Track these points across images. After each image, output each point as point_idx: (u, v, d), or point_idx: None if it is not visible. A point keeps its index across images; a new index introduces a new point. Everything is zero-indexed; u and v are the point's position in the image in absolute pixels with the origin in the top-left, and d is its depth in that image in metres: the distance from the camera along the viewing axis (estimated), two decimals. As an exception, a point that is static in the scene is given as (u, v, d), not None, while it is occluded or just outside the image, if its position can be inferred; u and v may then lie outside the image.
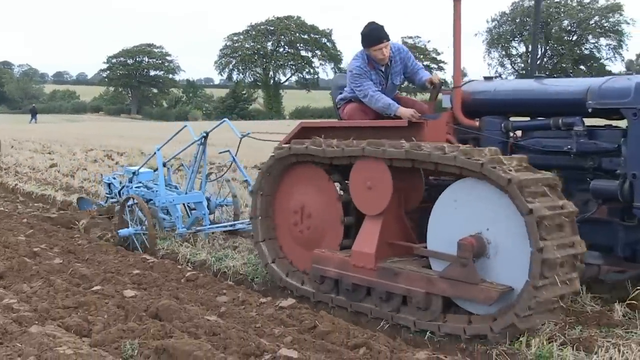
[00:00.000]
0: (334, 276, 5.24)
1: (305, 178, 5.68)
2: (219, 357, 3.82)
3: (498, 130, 5.39)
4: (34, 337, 4.15)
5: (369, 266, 4.96)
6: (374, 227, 5.02)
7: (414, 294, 4.68)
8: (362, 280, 5.04)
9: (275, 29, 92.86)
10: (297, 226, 5.71)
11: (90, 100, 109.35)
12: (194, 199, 7.70)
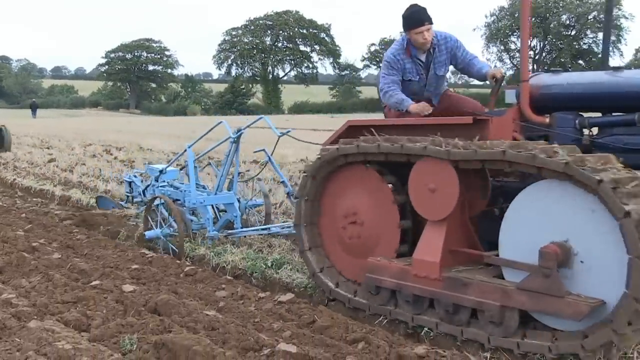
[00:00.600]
0: (392, 287, 4.78)
1: (355, 180, 5.21)
2: (217, 351, 3.82)
3: (571, 127, 4.89)
4: (33, 332, 4.16)
5: (433, 276, 4.51)
6: (438, 233, 4.58)
7: (486, 307, 4.22)
8: (425, 292, 4.58)
9: (274, 23, 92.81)
10: (346, 233, 5.24)
11: (88, 95, 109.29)
12: (225, 199, 7.25)
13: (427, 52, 5.56)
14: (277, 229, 7.11)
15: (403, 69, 5.55)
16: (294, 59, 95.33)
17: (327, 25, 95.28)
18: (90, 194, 9.61)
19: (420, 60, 5.57)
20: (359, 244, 5.17)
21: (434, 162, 4.52)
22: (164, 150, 18.68)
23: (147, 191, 8.18)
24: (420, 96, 5.66)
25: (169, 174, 8.16)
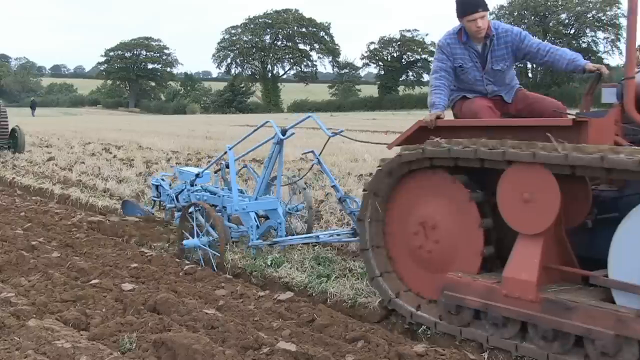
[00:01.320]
0: (477, 307, 4.25)
1: (432, 186, 4.64)
2: (217, 350, 3.82)
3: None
4: (32, 331, 4.16)
5: (528, 297, 3.98)
6: (533, 248, 4.05)
7: (597, 335, 3.67)
8: (519, 314, 4.04)
9: (273, 22, 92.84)
10: (420, 245, 4.70)
11: (87, 93, 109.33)
12: (269, 205, 6.76)
13: (484, 44, 5.13)
14: (327, 237, 6.53)
15: (453, 54, 5.14)
16: (293, 57, 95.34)
17: (326, 24, 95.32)
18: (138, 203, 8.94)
19: (475, 49, 5.14)
20: (434, 259, 4.64)
21: (530, 168, 3.99)
22: (163, 148, 18.67)
23: (181, 196, 7.68)
24: (481, 89, 5.24)
25: (201, 177, 7.72)
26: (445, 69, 5.15)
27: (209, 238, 6.38)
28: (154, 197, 8.39)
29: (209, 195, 7.26)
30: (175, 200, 7.75)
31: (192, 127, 32.53)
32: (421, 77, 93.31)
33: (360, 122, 39.27)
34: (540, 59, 5.16)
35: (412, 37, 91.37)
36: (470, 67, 5.16)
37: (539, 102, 5.18)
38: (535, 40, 5.18)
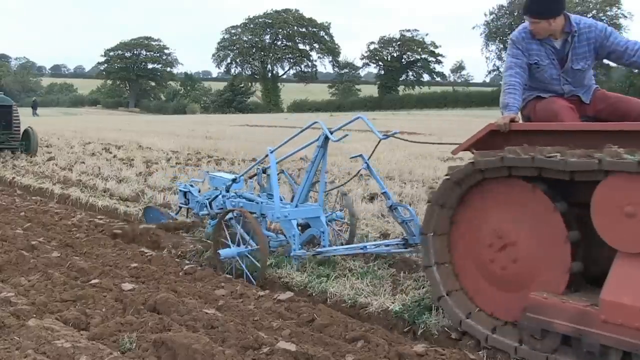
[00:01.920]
0: (567, 332, 3.77)
1: (507, 196, 4.19)
2: (217, 350, 3.82)
3: None
4: (32, 331, 4.16)
5: (634, 324, 3.48)
6: (637, 269, 3.56)
7: None
8: (622, 343, 3.55)
9: (273, 22, 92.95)
10: (494, 261, 4.24)
11: (87, 93, 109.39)
12: (311, 213, 6.33)
13: (564, 40, 4.68)
14: (375, 248, 6.13)
15: (528, 49, 4.72)
16: (293, 57, 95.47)
17: (326, 24, 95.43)
18: (161, 209, 8.53)
19: (552, 45, 4.70)
20: (510, 276, 4.19)
21: (635, 179, 3.52)
22: (163, 148, 18.68)
23: (215, 203, 7.23)
24: (557, 89, 4.82)
25: (235, 183, 7.33)
26: (521, 65, 4.74)
27: (247, 247, 6.01)
28: (182, 203, 7.98)
29: (245, 202, 6.82)
30: (208, 207, 7.29)
31: (192, 127, 32.55)
32: (421, 77, 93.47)
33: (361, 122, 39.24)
34: (628, 59, 4.65)
35: (412, 37, 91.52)
36: (547, 65, 4.73)
37: (623, 102, 4.73)
38: (622, 38, 4.72)
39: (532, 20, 4.61)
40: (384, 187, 6.57)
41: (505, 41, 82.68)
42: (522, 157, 3.93)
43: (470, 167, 4.24)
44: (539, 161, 3.84)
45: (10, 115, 16.48)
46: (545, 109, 4.70)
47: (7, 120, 16.41)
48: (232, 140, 22.14)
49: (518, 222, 4.12)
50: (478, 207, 4.36)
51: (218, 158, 15.76)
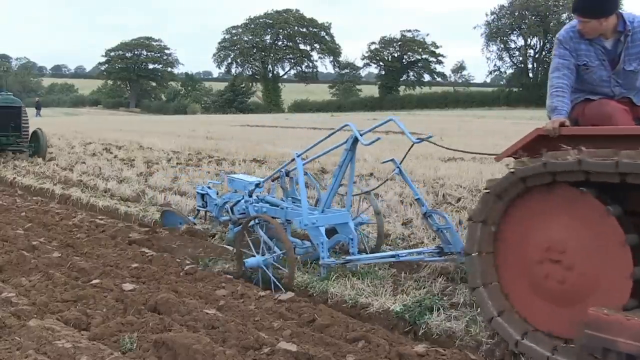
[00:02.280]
0: (632, 351, 3.45)
1: (554, 204, 3.92)
2: (217, 350, 3.82)
3: None
4: (33, 331, 4.16)
5: None
6: None
7: None
8: None
9: (274, 22, 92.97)
10: (546, 274, 3.93)
11: (88, 93, 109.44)
12: (339, 219, 6.03)
13: (616, 40, 4.40)
14: (408, 256, 5.86)
15: (576, 49, 4.45)
16: (294, 57, 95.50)
17: (327, 24, 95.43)
18: (179, 212, 8.24)
19: (602, 45, 4.43)
20: (564, 290, 3.89)
21: None
22: (164, 149, 18.68)
23: (236, 208, 6.92)
24: (606, 91, 4.55)
25: (254, 186, 7.03)
26: (568, 66, 4.46)
27: (272, 255, 5.71)
28: (199, 206, 7.78)
29: (268, 207, 6.55)
30: (230, 212, 7.04)
31: (193, 127, 32.56)
32: (422, 77, 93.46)
33: (361, 123, 39.26)
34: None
35: (413, 37, 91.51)
36: (597, 66, 4.46)
37: None
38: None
39: (581, 19, 4.34)
40: (418, 193, 6.24)
41: (506, 41, 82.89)
42: (568, 161, 3.67)
43: (509, 178, 3.98)
44: (587, 164, 3.59)
45: (20, 116, 16.05)
46: (597, 111, 4.40)
47: (16, 122, 15.95)
48: (232, 140, 22.15)
49: (569, 230, 3.83)
50: (524, 220, 4.06)
51: (219, 158, 15.77)
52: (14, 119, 15.85)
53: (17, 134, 16.09)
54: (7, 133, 15.91)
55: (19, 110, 16.04)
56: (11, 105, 15.96)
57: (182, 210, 8.68)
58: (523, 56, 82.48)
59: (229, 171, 11.89)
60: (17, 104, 16.22)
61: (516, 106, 71.53)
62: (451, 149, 6.36)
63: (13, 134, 16.01)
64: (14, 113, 15.91)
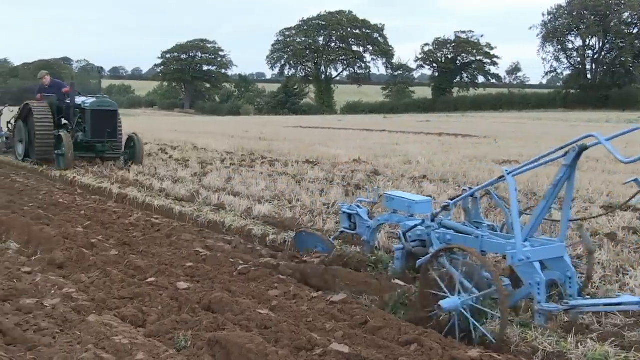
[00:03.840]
0: None
1: None
2: (270, 350, 3.85)
3: None
4: (92, 326, 4.27)
5: None
6: None
7: None
8: None
9: (327, 23, 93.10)
10: None
11: (145, 95, 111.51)
12: (554, 252, 4.89)
13: None
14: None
15: None
16: (346, 59, 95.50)
17: (380, 25, 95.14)
18: (318, 234, 7.40)
19: None
20: None
21: None
22: (218, 149, 18.91)
23: (410, 235, 5.81)
24: None
25: (420, 206, 5.93)
26: None
27: (474, 296, 4.56)
28: (346, 228, 6.72)
29: (453, 234, 5.43)
30: (402, 239, 5.85)
31: (246, 128, 32.86)
32: (476, 79, 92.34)
33: (414, 124, 39.04)
34: None
35: (467, 38, 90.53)
36: None
37: None
38: None
39: None
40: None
41: (563, 42, 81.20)
42: None
43: None
44: None
45: (116, 121, 14.97)
46: None
47: (113, 126, 14.84)
48: (285, 141, 22.27)
49: None
50: None
51: (272, 159, 15.87)
52: (110, 123, 14.78)
53: (114, 139, 15.08)
54: (102, 139, 14.87)
55: (115, 115, 14.98)
56: (107, 109, 14.86)
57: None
58: (581, 57, 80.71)
59: (378, 186, 10.20)
60: (113, 107, 15.09)
61: (573, 108, 70.09)
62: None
63: (109, 140, 15.00)
64: (110, 117, 14.84)
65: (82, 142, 14.72)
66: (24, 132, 15.70)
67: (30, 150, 15.59)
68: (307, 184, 11.29)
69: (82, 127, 14.82)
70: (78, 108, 14.92)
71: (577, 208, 8.64)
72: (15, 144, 16.52)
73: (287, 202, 9.48)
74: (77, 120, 14.91)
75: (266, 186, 10.99)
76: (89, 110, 14.55)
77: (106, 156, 15.07)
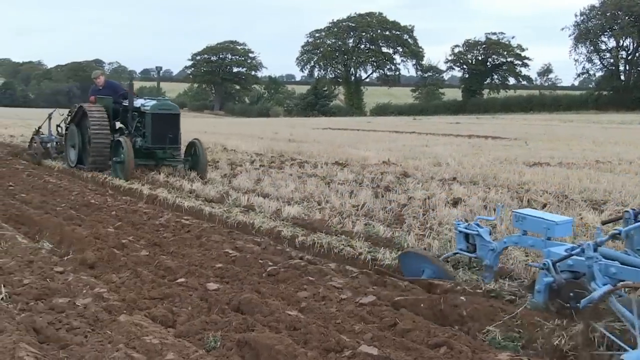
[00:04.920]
0: None
1: None
2: (299, 352, 3.85)
3: None
4: (123, 326, 4.32)
5: None
6: None
7: None
8: None
9: (356, 25, 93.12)
10: None
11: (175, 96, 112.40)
12: None
13: None
14: None
15: None
16: (376, 60, 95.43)
17: (410, 27, 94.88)
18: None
19: None
20: None
21: None
22: (247, 151, 19.00)
23: (563, 264, 4.72)
24: None
25: (561, 228, 5.09)
26: None
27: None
28: (462, 249, 5.92)
29: (618, 266, 4.45)
30: (551, 270, 4.66)
31: (275, 129, 32.99)
32: (506, 80, 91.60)
33: (444, 126, 38.83)
34: None
35: (497, 39, 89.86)
36: None
37: None
38: None
39: None
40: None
41: (596, 43, 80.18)
42: None
43: None
44: None
45: (178, 125, 13.54)
46: None
47: (174, 132, 13.36)
48: (315, 143, 22.30)
49: None
50: None
51: (301, 161, 15.90)
52: (172, 128, 13.33)
53: (175, 146, 13.59)
54: (163, 145, 13.40)
55: (177, 119, 13.52)
56: (169, 113, 13.45)
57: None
58: (614, 58, 79.60)
59: (498, 203, 8.19)
60: (175, 110, 13.68)
61: (606, 110, 69.16)
62: None
63: (170, 146, 13.52)
64: (172, 122, 13.38)
65: (141, 148, 13.32)
66: (77, 136, 14.46)
67: (83, 157, 14.37)
68: (337, 185, 11.28)
69: (141, 132, 13.47)
70: (137, 111, 13.64)
71: (609, 211, 8.52)
72: (67, 150, 15.17)
73: (316, 204, 9.48)
74: (136, 125, 13.63)
75: (295, 188, 11.00)
76: (149, 113, 13.16)
77: (166, 164, 13.81)
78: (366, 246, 6.98)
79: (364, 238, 7.30)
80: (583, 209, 8.74)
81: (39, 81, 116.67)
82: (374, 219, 8.33)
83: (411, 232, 7.47)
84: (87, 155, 14.13)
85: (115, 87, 15.15)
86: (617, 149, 19.90)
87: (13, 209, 8.99)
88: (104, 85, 14.90)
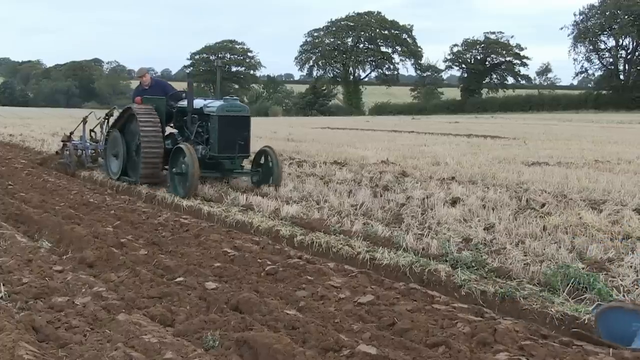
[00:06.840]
0: None
1: None
2: (298, 351, 3.86)
3: None
4: (122, 325, 4.32)
5: None
6: None
7: None
8: None
9: (355, 24, 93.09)
10: None
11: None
12: None
13: None
14: None
15: None
16: (375, 60, 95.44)
17: (408, 26, 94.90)
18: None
19: None
20: None
21: None
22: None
23: None
24: None
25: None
26: None
27: None
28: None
29: None
30: None
31: (274, 128, 32.96)
32: (505, 79, 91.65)
33: (443, 126, 38.85)
34: None
35: (496, 39, 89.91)
36: None
37: None
38: None
39: None
40: None
41: (595, 42, 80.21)
42: None
43: None
44: None
45: (249, 130, 11.35)
46: None
47: (245, 137, 11.19)
48: (313, 142, 22.30)
49: None
50: None
51: (300, 160, 15.90)
52: (241, 134, 11.16)
53: (246, 154, 11.55)
54: (233, 154, 11.21)
55: (247, 122, 11.32)
56: (239, 115, 11.26)
57: None
58: (614, 57, 79.67)
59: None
60: (246, 112, 11.48)
61: (605, 110, 69.21)
62: None
63: (240, 155, 11.37)
64: (242, 126, 11.22)
65: (204, 157, 11.11)
66: (122, 144, 12.24)
67: (129, 167, 12.24)
68: (335, 185, 11.28)
69: (204, 139, 11.35)
70: (197, 114, 11.48)
71: (608, 211, 8.53)
72: (107, 159, 12.93)
73: (315, 203, 9.48)
74: (197, 130, 11.50)
75: (294, 187, 11.00)
76: (215, 116, 10.99)
77: (235, 174, 11.80)
78: (365, 245, 6.99)
79: (362, 237, 7.31)
80: (582, 208, 8.75)
81: (38, 80, 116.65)
82: (373, 219, 8.34)
83: (410, 231, 7.48)
84: (133, 165, 12.14)
85: (164, 86, 13.20)
86: (616, 148, 19.92)
87: (12, 208, 8.99)
88: (151, 84, 12.93)
